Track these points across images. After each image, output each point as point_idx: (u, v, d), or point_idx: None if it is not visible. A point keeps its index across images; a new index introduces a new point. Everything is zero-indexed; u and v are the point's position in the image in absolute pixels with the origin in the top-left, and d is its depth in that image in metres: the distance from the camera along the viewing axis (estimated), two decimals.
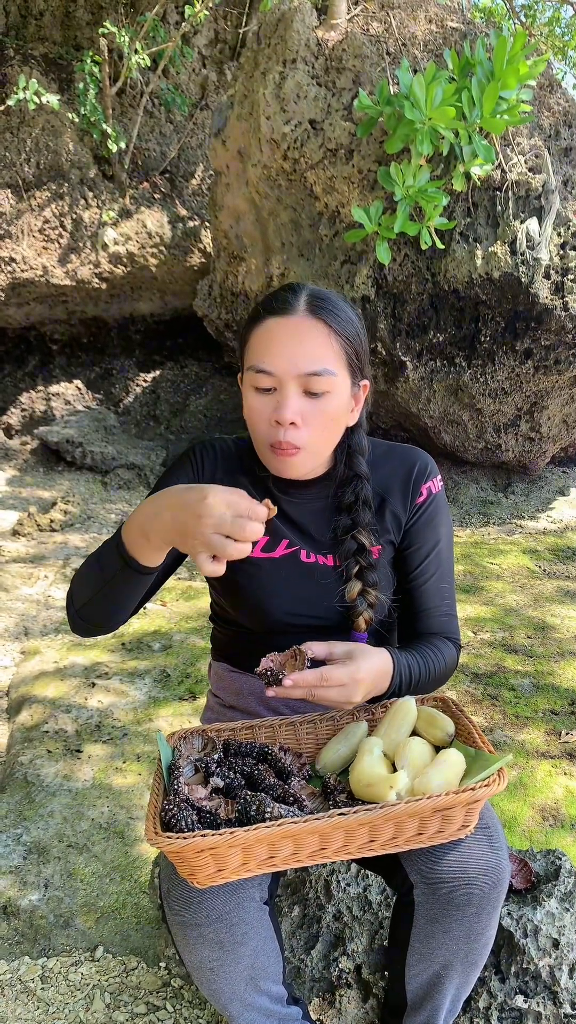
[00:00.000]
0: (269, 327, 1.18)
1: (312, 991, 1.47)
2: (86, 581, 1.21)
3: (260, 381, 1.18)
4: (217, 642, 1.46)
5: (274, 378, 1.17)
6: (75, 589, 1.23)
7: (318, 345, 1.17)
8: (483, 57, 3.77)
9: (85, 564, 1.22)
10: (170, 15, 6.37)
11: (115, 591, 1.17)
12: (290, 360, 1.16)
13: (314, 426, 1.19)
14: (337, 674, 1.09)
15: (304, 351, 1.16)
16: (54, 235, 6.08)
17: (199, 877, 0.95)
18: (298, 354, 1.16)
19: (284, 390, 1.17)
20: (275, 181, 4.61)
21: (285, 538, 1.30)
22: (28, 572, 3.93)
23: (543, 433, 4.92)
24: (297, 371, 1.16)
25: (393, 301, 4.54)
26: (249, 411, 1.21)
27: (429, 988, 1.14)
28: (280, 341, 1.17)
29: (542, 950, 1.36)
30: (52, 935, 1.78)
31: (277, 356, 1.16)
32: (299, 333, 1.17)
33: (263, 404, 1.19)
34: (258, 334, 1.20)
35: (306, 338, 1.17)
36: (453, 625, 1.35)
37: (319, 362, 1.17)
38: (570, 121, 4.60)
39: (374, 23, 4.45)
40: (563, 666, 2.97)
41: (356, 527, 1.27)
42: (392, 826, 0.96)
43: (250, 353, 1.20)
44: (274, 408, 1.18)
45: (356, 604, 1.26)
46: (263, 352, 1.18)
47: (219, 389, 6.82)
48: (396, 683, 1.19)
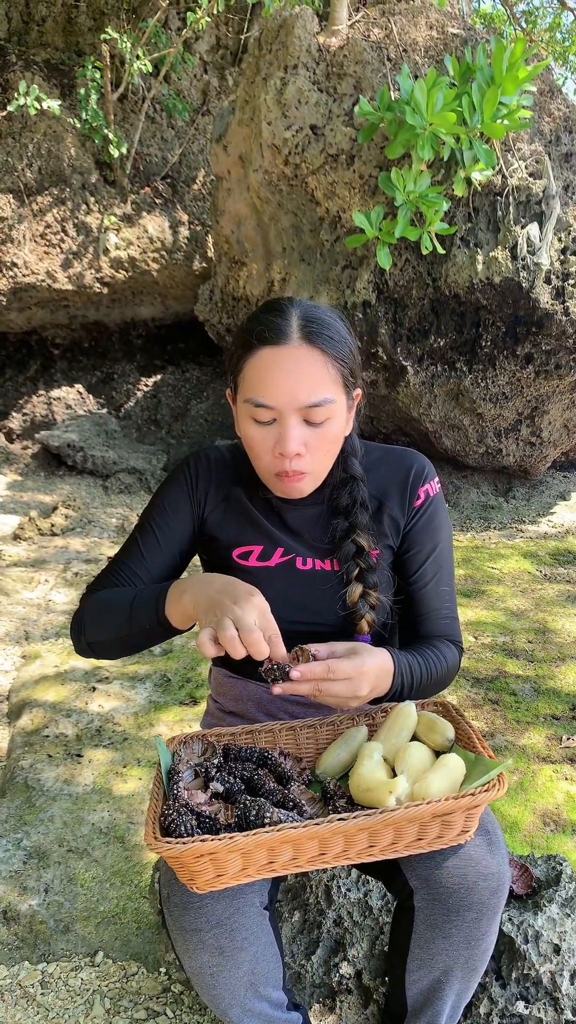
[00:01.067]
0: (264, 359, 1.15)
1: (312, 997, 1.47)
2: (106, 624, 1.23)
3: (259, 414, 1.16)
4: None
5: (273, 411, 1.15)
6: (90, 623, 1.25)
7: (316, 375, 1.15)
8: (484, 63, 3.79)
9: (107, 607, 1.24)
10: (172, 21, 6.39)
11: (139, 640, 1.22)
12: (290, 393, 1.14)
13: (317, 452, 1.19)
14: (344, 666, 1.08)
15: (303, 383, 1.14)
16: (56, 240, 6.09)
17: (198, 882, 0.95)
18: (297, 387, 1.14)
19: (285, 422, 1.15)
20: (276, 186, 4.62)
21: (280, 546, 1.30)
22: (29, 576, 3.93)
23: (544, 438, 4.92)
24: (297, 404, 1.15)
25: (394, 306, 4.55)
26: (249, 440, 1.20)
27: (429, 994, 1.14)
28: (277, 374, 1.14)
29: (543, 956, 1.36)
30: (52, 940, 1.78)
31: (275, 390, 1.14)
32: (296, 365, 1.14)
33: (264, 435, 1.18)
34: (253, 365, 1.16)
35: (304, 369, 1.14)
36: (455, 628, 1.35)
37: (318, 392, 1.15)
38: (570, 126, 4.61)
39: (375, 29, 4.46)
40: (564, 671, 2.96)
41: (354, 530, 1.27)
42: (392, 831, 0.96)
43: (245, 385, 1.18)
44: (276, 440, 1.16)
45: (358, 607, 1.25)
46: (260, 386, 1.15)
47: (220, 394, 6.83)
48: (398, 683, 1.18)
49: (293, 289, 4.80)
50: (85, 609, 1.27)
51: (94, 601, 1.26)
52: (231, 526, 1.32)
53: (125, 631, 1.20)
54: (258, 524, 1.31)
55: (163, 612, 1.15)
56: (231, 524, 1.32)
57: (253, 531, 1.31)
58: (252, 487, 1.32)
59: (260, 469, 1.23)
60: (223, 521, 1.33)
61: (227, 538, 1.32)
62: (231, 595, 1.06)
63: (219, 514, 1.33)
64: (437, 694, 1.31)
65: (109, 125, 5.92)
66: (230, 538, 1.32)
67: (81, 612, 1.27)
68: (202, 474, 1.34)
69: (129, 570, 1.30)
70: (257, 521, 1.31)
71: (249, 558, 1.30)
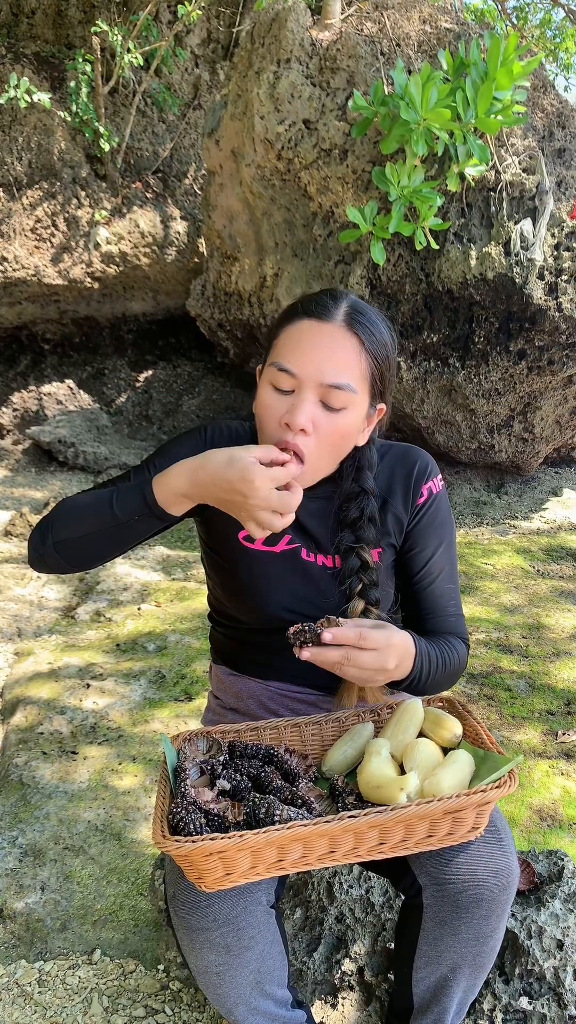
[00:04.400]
0: (302, 328, 1.15)
1: (314, 994, 1.46)
2: (83, 520, 1.16)
3: (280, 380, 1.15)
4: (216, 643, 1.45)
5: (295, 380, 1.14)
6: (60, 522, 1.18)
7: (347, 359, 1.14)
8: (477, 58, 3.78)
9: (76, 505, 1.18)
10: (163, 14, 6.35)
11: (123, 532, 1.15)
12: (316, 367, 1.13)
13: (323, 438, 1.16)
14: (374, 636, 1.05)
15: (332, 361, 1.14)
16: (46, 234, 6.05)
17: (207, 881, 0.94)
18: (325, 362, 1.13)
19: (301, 394, 1.14)
20: (269, 181, 4.60)
21: (288, 534, 1.29)
22: (21, 573, 3.90)
23: (536, 434, 4.92)
24: (320, 379, 1.13)
25: (387, 301, 4.54)
26: (262, 407, 1.17)
27: (436, 991, 1.13)
28: (310, 345, 1.14)
29: (546, 951, 1.36)
30: (49, 938, 1.76)
31: (303, 359, 1.13)
32: (331, 341, 1.14)
33: (278, 403, 1.15)
34: (289, 332, 1.17)
35: (337, 348, 1.14)
36: (461, 624, 1.33)
37: (343, 375, 1.14)
38: (563, 122, 4.61)
39: (368, 23, 4.45)
40: (558, 666, 2.97)
41: (360, 544, 1.24)
42: (402, 828, 0.95)
43: (276, 349, 1.18)
44: (287, 410, 1.14)
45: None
46: (290, 352, 1.15)
47: (212, 389, 6.80)
48: (418, 666, 1.15)
49: (285, 285, 4.78)
50: (53, 511, 1.21)
51: (65, 502, 1.21)
52: None
53: (105, 522, 1.14)
54: None
55: (151, 495, 1.11)
56: None
57: None
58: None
59: (263, 439, 1.20)
60: None
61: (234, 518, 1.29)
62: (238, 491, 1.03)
63: None
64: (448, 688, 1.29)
65: (100, 119, 5.87)
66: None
67: (48, 515, 1.21)
68: (217, 444, 1.29)
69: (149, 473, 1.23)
70: None
71: (254, 541, 1.28)
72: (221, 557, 1.32)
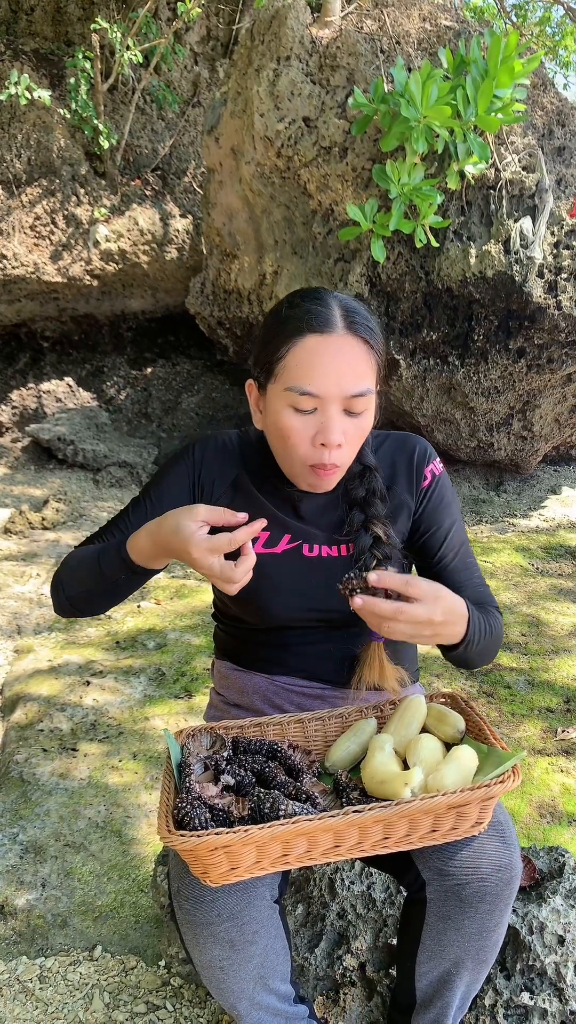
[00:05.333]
0: (311, 346, 1.13)
1: (316, 989, 1.47)
2: (81, 577, 1.24)
3: (303, 403, 1.14)
4: (220, 640, 1.45)
5: (317, 399, 1.14)
6: (66, 580, 1.27)
7: (360, 364, 1.15)
8: (478, 55, 3.77)
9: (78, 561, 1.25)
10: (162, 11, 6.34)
11: (113, 588, 1.22)
12: (336, 382, 1.13)
13: (352, 443, 1.19)
14: (422, 585, 1.05)
15: (349, 372, 1.14)
16: (45, 232, 6.04)
17: (212, 875, 0.94)
18: (343, 375, 1.13)
19: (328, 411, 1.14)
20: (268, 179, 4.60)
21: (288, 532, 1.29)
22: (20, 570, 3.90)
23: (535, 432, 4.93)
24: (343, 393, 1.14)
25: (387, 299, 4.54)
26: (286, 431, 1.17)
27: (439, 986, 1.14)
28: (325, 362, 1.13)
29: (548, 947, 1.36)
30: (50, 935, 1.77)
31: (323, 378, 1.13)
32: (343, 353, 1.14)
33: (304, 425, 1.15)
34: (298, 353, 1.14)
35: (351, 359, 1.14)
36: (489, 594, 1.34)
37: (362, 382, 1.15)
38: (563, 120, 4.61)
39: (368, 21, 4.44)
40: (558, 663, 2.97)
41: (371, 520, 1.25)
42: (407, 823, 0.95)
43: (288, 373, 1.15)
44: (317, 430, 1.15)
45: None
46: (306, 374, 1.13)
47: (211, 387, 6.80)
48: (472, 627, 1.15)
49: (285, 282, 4.78)
50: (62, 566, 1.29)
51: (69, 558, 1.28)
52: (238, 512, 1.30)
53: (98, 581, 1.21)
54: (265, 510, 1.29)
55: (127, 555, 1.16)
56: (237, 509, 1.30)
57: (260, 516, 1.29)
58: (260, 473, 1.31)
59: (292, 460, 1.20)
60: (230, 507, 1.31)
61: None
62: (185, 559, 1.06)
63: (226, 501, 1.31)
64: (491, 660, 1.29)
65: (99, 116, 5.87)
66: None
67: (59, 570, 1.29)
68: (208, 461, 1.32)
69: (113, 538, 1.30)
70: (264, 507, 1.29)
71: (255, 544, 1.28)
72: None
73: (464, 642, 1.15)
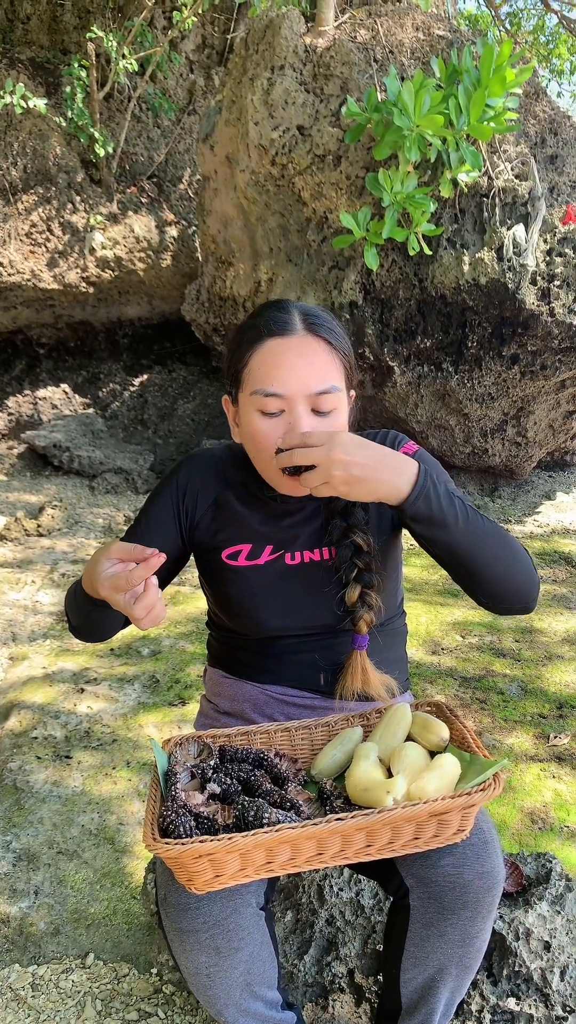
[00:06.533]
0: (271, 348, 1.16)
1: (305, 996, 1.47)
2: (72, 609, 1.29)
3: (268, 405, 1.16)
4: (212, 648, 1.46)
5: (284, 400, 1.16)
6: (68, 610, 1.32)
7: (323, 363, 1.17)
8: (470, 65, 3.80)
9: (69, 592, 1.30)
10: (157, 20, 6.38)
11: (98, 619, 1.25)
12: (299, 380, 1.15)
13: None
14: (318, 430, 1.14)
15: (312, 370, 1.16)
16: (41, 239, 6.06)
17: (197, 883, 0.95)
18: (307, 374, 1.15)
19: (295, 411, 1.16)
20: (263, 186, 4.62)
21: (269, 543, 1.30)
22: (15, 577, 3.91)
23: (529, 438, 4.95)
24: (307, 391, 1.16)
25: (381, 307, 4.56)
26: (255, 435, 1.18)
27: (424, 992, 1.15)
28: (287, 362, 1.15)
29: (534, 953, 1.37)
30: (42, 942, 1.77)
31: (286, 377, 1.15)
32: (304, 352, 1.16)
33: (272, 427, 1.17)
34: (260, 357, 1.17)
35: (312, 357, 1.16)
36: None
37: (326, 380, 1.17)
38: (555, 128, 4.64)
39: (361, 30, 4.47)
40: (551, 670, 2.99)
41: (352, 529, 1.27)
42: (389, 831, 0.97)
43: (252, 377, 1.18)
44: (285, 430, 1.16)
45: (356, 608, 1.26)
46: (269, 375, 1.16)
47: (207, 393, 6.82)
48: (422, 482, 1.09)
49: (280, 289, 4.80)
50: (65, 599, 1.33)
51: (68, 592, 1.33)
52: (220, 528, 1.33)
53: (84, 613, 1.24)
54: (246, 524, 1.31)
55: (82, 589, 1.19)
56: (220, 526, 1.33)
57: (242, 531, 1.31)
58: (242, 486, 1.33)
59: (264, 466, 1.22)
60: (212, 524, 1.33)
61: (217, 540, 1.32)
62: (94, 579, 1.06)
63: (208, 518, 1.33)
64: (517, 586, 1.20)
65: (95, 124, 5.89)
66: (219, 540, 1.32)
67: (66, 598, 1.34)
68: (191, 485, 1.34)
69: None
70: (245, 521, 1.31)
71: (238, 558, 1.30)
72: (212, 576, 1.35)
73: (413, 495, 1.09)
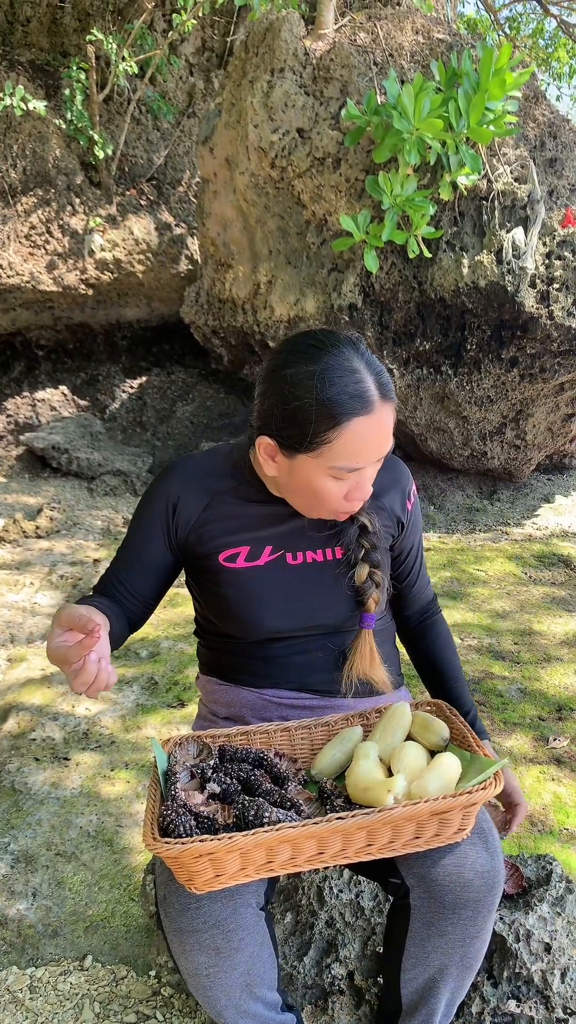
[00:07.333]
0: (357, 430, 1.15)
1: (305, 998, 1.47)
2: None
3: (346, 476, 1.19)
4: (203, 656, 1.45)
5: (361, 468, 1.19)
6: None
7: (392, 427, 1.21)
8: (470, 68, 3.81)
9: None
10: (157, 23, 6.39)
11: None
12: (379, 452, 1.20)
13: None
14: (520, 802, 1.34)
15: (387, 440, 1.20)
16: (40, 241, 6.07)
17: (197, 882, 0.94)
18: (385, 443, 1.20)
19: (366, 474, 1.21)
20: (263, 189, 4.63)
21: (269, 544, 1.29)
22: (14, 579, 3.90)
23: (528, 441, 4.95)
24: (382, 456, 1.21)
25: (380, 309, 4.56)
26: (323, 492, 1.20)
27: (424, 992, 1.14)
28: (371, 441, 1.17)
29: (534, 955, 1.37)
30: (40, 944, 1.77)
31: (369, 455, 1.18)
32: (384, 426, 1.18)
33: (340, 487, 1.20)
34: (346, 438, 1.15)
35: (388, 428, 1.19)
36: (431, 594, 1.54)
37: (392, 440, 1.22)
38: (555, 132, 4.65)
39: (361, 33, 4.48)
40: (550, 672, 2.98)
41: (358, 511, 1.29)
42: (390, 830, 0.96)
43: (334, 453, 1.16)
44: (351, 488, 1.21)
45: (366, 586, 1.28)
46: (356, 454, 1.16)
47: (205, 396, 6.82)
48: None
49: (279, 292, 4.80)
50: None
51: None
52: (215, 532, 1.30)
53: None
54: (244, 525, 1.30)
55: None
56: (215, 530, 1.30)
57: (239, 533, 1.30)
58: (236, 489, 1.31)
59: (320, 510, 1.25)
60: (206, 529, 1.31)
61: (212, 544, 1.30)
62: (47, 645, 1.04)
63: (199, 524, 1.31)
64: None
65: (94, 126, 5.90)
66: (214, 544, 1.30)
67: None
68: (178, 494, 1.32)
69: (117, 580, 1.35)
70: (243, 522, 1.30)
71: (236, 560, 1.29)
72: (205, 581, 1.33)
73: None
